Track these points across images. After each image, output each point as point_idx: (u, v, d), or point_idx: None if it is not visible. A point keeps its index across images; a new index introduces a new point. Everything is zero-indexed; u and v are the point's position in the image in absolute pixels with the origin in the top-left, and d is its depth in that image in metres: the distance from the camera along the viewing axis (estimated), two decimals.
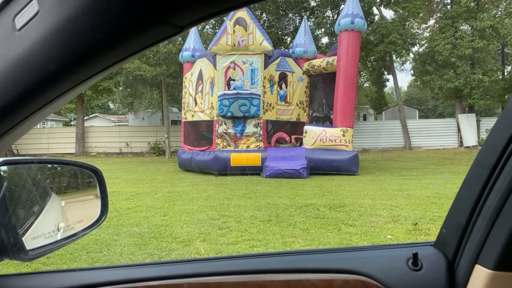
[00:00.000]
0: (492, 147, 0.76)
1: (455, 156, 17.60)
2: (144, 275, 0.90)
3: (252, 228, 5.64)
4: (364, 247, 0.99)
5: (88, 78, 0.51)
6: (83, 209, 1.18)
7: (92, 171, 1.00)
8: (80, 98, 24.39)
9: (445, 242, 0.87)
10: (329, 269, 0.88)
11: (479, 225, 0.77)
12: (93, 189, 1.10)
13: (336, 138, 11.76)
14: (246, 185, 9.93)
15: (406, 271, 0.85)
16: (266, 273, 0.88)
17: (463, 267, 0.80)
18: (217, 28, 22.07)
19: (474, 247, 0.77)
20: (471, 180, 0.82)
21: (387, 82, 30.95)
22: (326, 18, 24.61)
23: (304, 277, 0.87)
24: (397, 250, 0.93)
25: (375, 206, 6.90)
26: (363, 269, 0.86)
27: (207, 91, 13.24)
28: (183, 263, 0.95)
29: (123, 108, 28.35)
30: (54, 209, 1.10)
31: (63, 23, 0.45)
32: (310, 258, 0.94)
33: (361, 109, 31.15)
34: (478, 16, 21.63)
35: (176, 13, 0.45)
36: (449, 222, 0.87)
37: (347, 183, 9.94)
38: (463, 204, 0.82)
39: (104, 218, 0.97)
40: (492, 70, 23.17)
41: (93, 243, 4.97)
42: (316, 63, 13.22)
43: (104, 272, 0.94)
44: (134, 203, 7.82)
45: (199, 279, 0.88)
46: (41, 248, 0.81)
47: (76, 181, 1.19)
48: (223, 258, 0.98)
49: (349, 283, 0.85)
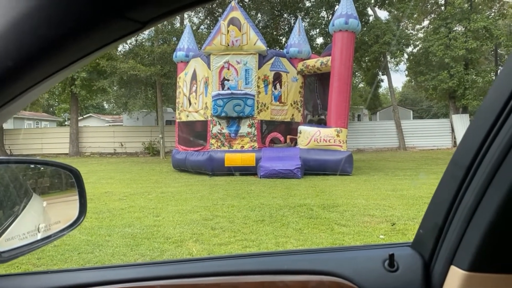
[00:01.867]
0: (468, 147, 0.75)
1: (448, 157, 17.62)
2: (115, 277, 0.88)
3: (245, 228, 5.63)
4: (340, 247, 0.98)
5: (51, 75, 0.50)
6: (67, 210, 1.16)
7: (70, 171, 0.98)
8: (74, 98, 24.26)
9: (422, 242, 0.86)
10: (304, 270, 0.87)
11: (455, 225, 0.76)
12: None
13: (330, 138, 11.77)
14: (240, 186, 9.91)
15: (382, 272, 0.84)
16: (240, 275, 0.87)
17: (439, 268, 0.79)
18: (211, 28, 22.04)
19: (449, 248, 0.77)
20: (448, 180, 0.81)
21: (382, 83, 31.06)
22: (321, 18, 24.65)
23: (278, 279, 0.86)
24: (374, 251, 0.92)
25: (369, 206, 6.91)
26: (338, 270, 0.85)
27: (201, 91, 13.21)
28: (156, 265, 0.94)
29: (118, 108, 28.25)
30: (35, 210, 1.09)
31: (19, 18, 0.44)
32: (286, 259, 0.93)
33: (356, 109, 31.23)
34: (472, 17, 21.76)
35: (135, 8, 0.44)
36: (426, 222, 0.86)
37: (341, 183, 9.96)
38: (439, 204, 0.81)
39: (82, 219, 0.95)
40: (486, 71, 23.33)
41: (84, 244, 4.94)
42: (311, 63, 13.23)
43: (77, 274, 0.92)
44: (127, 203, 7.78)
45: (173, 281, 0.86)
46: (15, 250, 0.79)
47: (60, 181, 1.17)
48: (198, 259, 0.97)
49: (324, 285, 0.84)
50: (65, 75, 0.53)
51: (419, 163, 15.01)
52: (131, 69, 19.36)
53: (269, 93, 12.97)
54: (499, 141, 0.69)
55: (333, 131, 11.79)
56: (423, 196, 7.76)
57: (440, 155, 19.14)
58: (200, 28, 25.05)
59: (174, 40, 21.36)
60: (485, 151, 0.71)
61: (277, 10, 24.47)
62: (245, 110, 12.34)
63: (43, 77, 0.50)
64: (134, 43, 23.42)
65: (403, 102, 44.21)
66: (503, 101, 0.68)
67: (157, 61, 20.46)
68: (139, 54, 21.08)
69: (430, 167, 13.43)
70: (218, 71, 12.52)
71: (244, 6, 21.65)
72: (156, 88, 22.10)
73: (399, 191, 8.54)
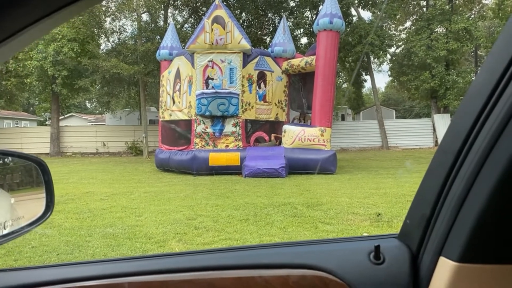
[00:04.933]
0: (456, 133, 0.72)
1: (430, 156, 17.89)
2: (80, 274, 0.83)
3: (229, 227, 5.58)
4: (323, 240, 0.93)
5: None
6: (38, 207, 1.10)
7: (36, 162, 0.92)
8: (55, 97, 23.77)
9: (409, 233, 0.83)
10: (284, 264, 0.83)
11: (443, 215, 0.73)
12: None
13: (314, 138, 11.81)
14: (224, 185, 9.85)
15: (367, 264, 0.80)
16: (215, 270, 0.82)
17: (427, 259, 0.76)
18: (195, 26, 21.88)
19: (438, 239, 0.74)
20: (435, 168, 0.77)
21: (365, 83, 31.33)
22: (305, 18, 24.74)
23: (257, 274, 0.82)
24: (359, 243, 0.88)
25: (352, 205, 6.95)
26: (321, 264, 0.81)
27: (185, 90, 13.09)
28: (125, 261, 0.88)
29: (100, 107, 27.81)
30: (1, 206, 1.03)
31: None
32: (265, 252, 0.88)
33: (340, 109, 31.45)
34: (453, 19, 22.15)
35: None
36: (413, 213, 0.83)
37: (325, 182, 9.99)
38: (427, 193, 0.78)
39: (49, 214, 0.90)
40: (466, 71, 23.78)
41: (64, 245, 4.81)
42: (295, 63, 13.25)
43: (40, 272, 0.86)
44: (109, 203, 7.64)
45: (142, 278, 0.81)
46: None
47: (31, 178, 1.11)
48: (170, 255, 0.91)
49: (306, 279, 0.80)
50: (17, 46, 0.49)
51: (401, 162, 15.20)
52: (114, 68, 19.06)
53: (253, 92, 12.94)
54: (488, 127, 0.66)
55: (317, 131, 11.83)
56: (406, 194, 7.84)
57: (422, 154, 19.42)
58: (184, 27, 24.83)
59: (157, 38, 21.12)
60: (474, 137, 0.68)
61: (261, 10, 24.45)
62: (229, 109, 12.28)
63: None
64: (117, 41, 23.11)
65: (386, 102, 44.76)
66: (492, 85, 0.65)
67: (141, 60, 20.21)
68: (122, 53, 20.78)
69: (412, 166, 13.62)
70: (202, 69, 12.42)
71: (228, 5, 21.56)
72: (140, 87, 21.83)
73: (382, 189, 8.62)
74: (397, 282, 0.78)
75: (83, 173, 13.62)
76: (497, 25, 23.22)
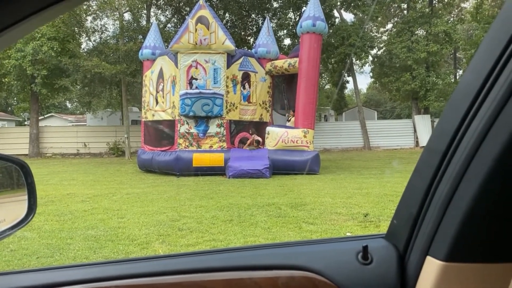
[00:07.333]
0: (443, 132, 0.73)
1: (411, 156, 18.24)
2: (63, 278, 0.81)
3: (213, 228, 5.56)
4: (312, 241, 0.94)
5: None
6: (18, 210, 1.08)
7: (18, 164, 0.90)
8: (34, 96, 23.23)
9: (396, 233, 0.84)
10: (273, 265, 0.83)
11: (430, 215, 0.74)
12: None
13: (297, 139, 11.88)
14: (208, 186, 9.81)
15: (355, 265, 0.81)
16: (204, 272, 0.82)
17: (414, 259, 0.77)
18: (178, 26, 21.73)
19: (425, 238, 0.75)
20: (422, 168, 0.78)
21: (347, 84, 31.67)
22: (288, 19, 24.85)
23: (246, 275, 0.82)
24: (347, 244, 0.89)
25: (335, 204, 7.01)
26: (309, 265, 0.82)
27: (168, 90, 12.98)
28: (110, 264, 0.87)
29: (81, 107, 27.33)
30: None
31: None
32: (253, 254, 0.88)
33: (322, 110, 31.69)
34: (432, 22, 22.57)
35: None
36: (400, 213, 0.84)
37: (308, 182, 10.05)
38: (414, 193, 0.79)
39: (31, 217, 0.88)
40: (445, 73, 24.28)
41: (44, 248, 4.71)
42: (279, 64, 13.29)
43: (20, 277, 0.84)
44: (90, 205, 7.52)
45: (128, 281, 0.80)
46: None
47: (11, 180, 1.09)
48: (157, 257, 0.90)
49: (294, 280, 0.81)
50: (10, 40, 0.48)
51: (383, 162, 15.40)
52: (95, 67, 18.75)
53: (237, 93, 12.92)
54: (474, 126, 0.67)
55: (300, 132, 11.90)
56: (388, 194, 7.95)
57: (403, 154, 19.74)
58: (167, 27, 24.63)
59: (140, 38, 20.89)
60: (461, 137, 0.69)
61: (245, 10, 24.44)
62: (213, 109, 12.24)
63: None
64: (99, 41, 22.75)
65: (368, 103, 45.30)
66: (478, 85, 0.66)
67: (123, 59, 19.93)
68: (103, 52, 20.46)
69: (394, 166, 13.82)
70: (186, 69, 12.35)
71: (212, 5, 21.48)
72: (121, 87, 21.53)
73: (364, 189, 8.72)
74: (384, 282, 0.79)
75: (64, 174, 13.37)
76: (475, 28, 23.75)
